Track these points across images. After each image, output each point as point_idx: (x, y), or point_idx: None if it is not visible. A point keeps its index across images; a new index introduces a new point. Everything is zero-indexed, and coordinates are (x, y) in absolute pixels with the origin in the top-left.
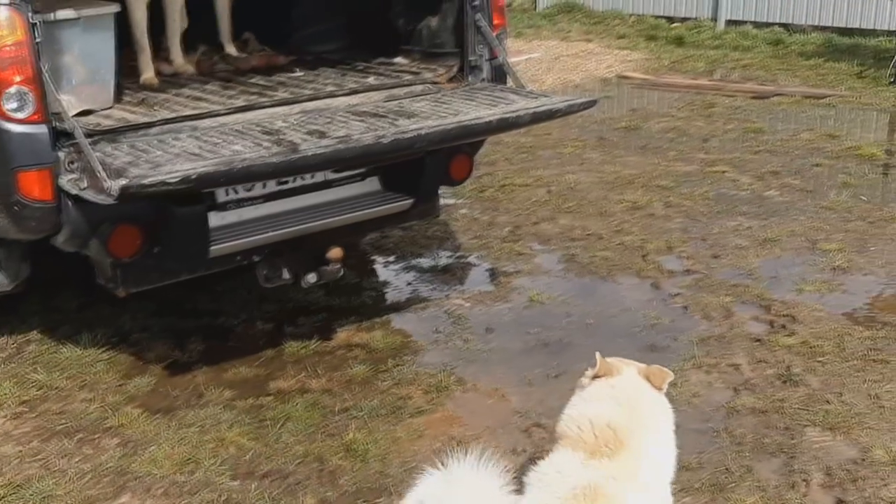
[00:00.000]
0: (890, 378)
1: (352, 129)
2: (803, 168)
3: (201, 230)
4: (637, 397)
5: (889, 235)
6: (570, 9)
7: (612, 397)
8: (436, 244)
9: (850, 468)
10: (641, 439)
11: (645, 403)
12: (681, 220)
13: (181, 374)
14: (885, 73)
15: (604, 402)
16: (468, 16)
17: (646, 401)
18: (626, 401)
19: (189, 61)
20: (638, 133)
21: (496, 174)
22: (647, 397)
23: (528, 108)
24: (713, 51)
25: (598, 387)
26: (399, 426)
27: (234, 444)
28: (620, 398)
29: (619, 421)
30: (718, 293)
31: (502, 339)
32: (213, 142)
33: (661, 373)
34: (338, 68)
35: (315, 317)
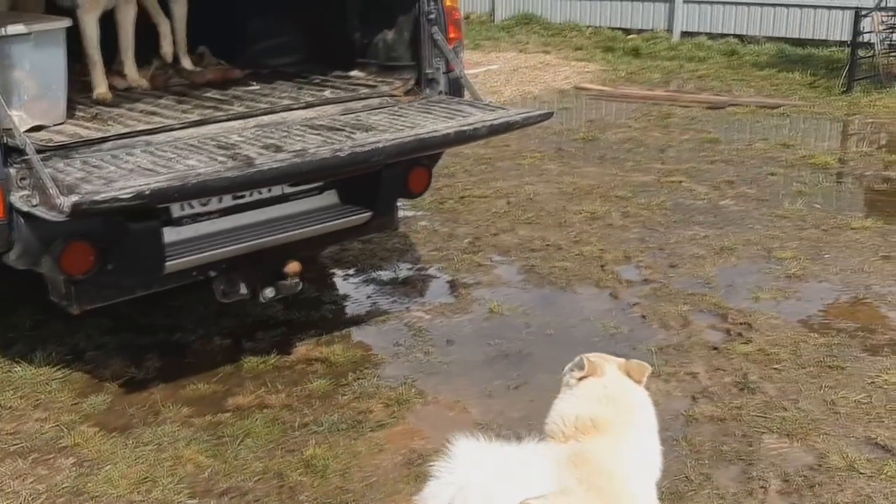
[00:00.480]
0: (845, 384)
1: (308, 142)
2: (758, 177)
3: (156, 246)
4: (622, 394)
5: (843, 243)
6: (528, 21)
7: (599, 396)
8: (395, 256)
9: (807, 474)
10: (625, 429)
11: (629, 399)
12: (638, 230)
13: (137, 392)
14: (836, 83)
15: (590, 400)
16: (424, 29)
17: (630, 396)
18: (612, 398)
19: (143, 75)
20: (595, 144)
21: (455, 186)
22: (630, 393)
23: (485, 120)
24: (669, 62)
25: (586, 386)
26: (359, 440)
27: (191, 462)
28: (606, 396)
29: (603, 415)
30: (676, 302)
31: (463, 350)
32: (168, 157)
33: (640, 367)
34: (294, 82)
35: (274, 331)
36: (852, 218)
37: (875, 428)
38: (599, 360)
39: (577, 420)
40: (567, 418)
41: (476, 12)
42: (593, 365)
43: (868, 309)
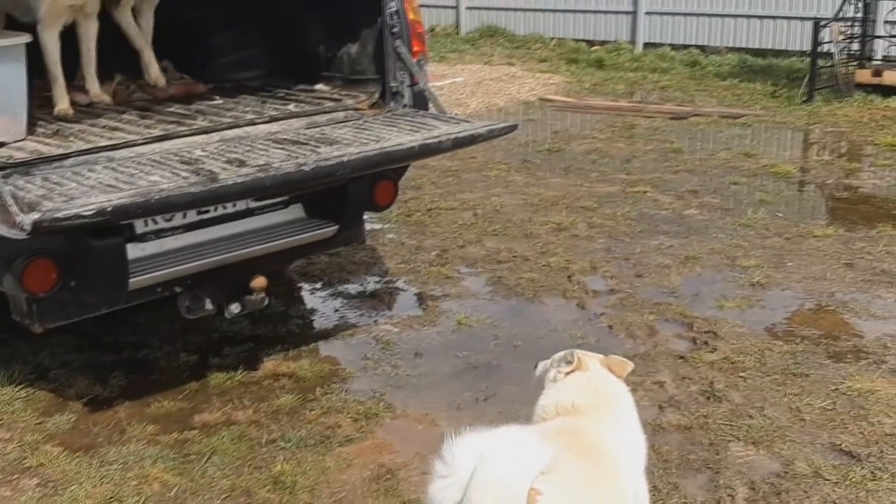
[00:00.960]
0: (809, 391)
1: (272, 157)
2: (721, 186)
3: (119, 262)
4: (604, 386)
5: (805, 251)
6: (493, 33)
7: (582, 386)
8: (363, 270)
9: (774, 481)
10: (607, 413)
11: (611, 390)
12: (604, 241)
13: (102, 410)
14: (797, 93)
15: (574, 390)
16: (388, 42)
17: (612, 388)
18: (595, 388)
19: (105, 91)
20: (561, 155)
21: (422, 198)
22: (612, 385)
23: (450, 133)
24: (632, 73)
25: (571, 379)
26: (328, 456)
27: (157, 481)
28: (589, 386)
29: (585, 402)
30: (642, 312)
31: (431, 363)
32: (130, 172)
33: (621, 363)
34: (258, 95)
35: (240, 347)
36: (814, 226)
37: (840, 434)
38: (584, 356)
39: (557, 405)
40: (549, 407)
41: (441, 25)
42: (581, 360)
43: (831, 316)
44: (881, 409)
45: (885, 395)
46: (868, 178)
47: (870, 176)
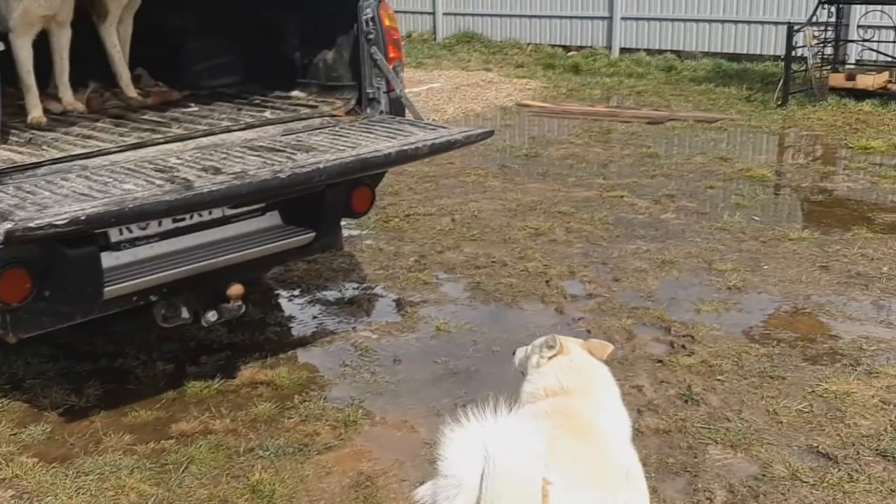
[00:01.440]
0: (786, 394)
1: (248, 164)
2: (698, 191)
3: (94, 272)
4: (587, 367)
5: (781, 254)
6: (470, 39)
7: (565, 368)
8: (341, 276)
9: (752, 484)
10: (592, 392)
11: (593, 371)
12: (582, 245)
13: (78, 421)
14: (772, 97)
15: (558, 373)
16: (364, 49)
17: (594, 369)
18: (578, 369)
19: (79, 99)
20: (538, 160)
21: (400, 204)
22: (594, 366)
23: (427, 139)
24: (608, 78)
25: (554, 363)
26: (306, 464)
27: (134, 491)
28: (572, 367)
29: (571, 383)
30: (620, 316)
31: (410, 369)
32: (104, 181)
33: (601, 346)
34: (234, 103)
35: (218, 355)
36: (790, 229)
37: (816, 436)
38: (566, 340)
39: (546, 389)
40: (538, 392)
41: (418, 30)
42: (563, 344)
43: (807, 319)
44: (857, 411)
45: (861, 397)
46: (842, 181)
47: (844, 179)
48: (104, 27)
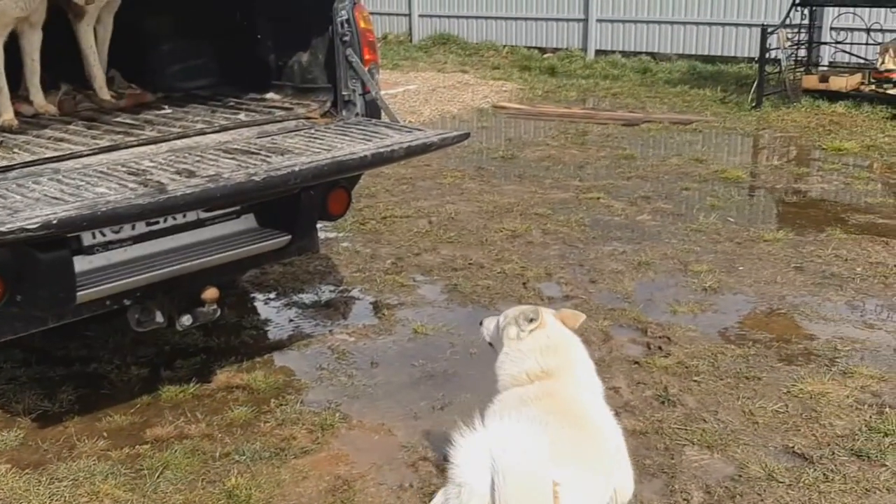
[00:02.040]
0: (762, 394)
1: (222, 167)
2: (673, 192)
3: (66, 276)
4: (563, 343)
5: (756, 255)
6: (446, 41)
7: (543, 347)
8: (317, 279)
9: (729, 485)
10: (572, 370)
11: (571, 346)
12: (558, 247)
13: (52, 426)
14: (746, 99)
15: (538, 354)
16: (339, 51)
17: (570, 344)
18: (555, 347)
19: (51, 101)
20: (514, 162)
21: (377, 206)
22: (570, 341)
23: (403, 142)
24: (584, 80)
25: (533, 338)
26: (283, 468)
27: (109, 497)
28: (549, 346)
29: (553, 364)
30: (597, 318)
31: (387, 372)
32: (76, 184)
33: (574, 316)
34: (208, 105)
35: (193, 359)
36: (765, 230)
37: (792, 437)
38: (544, 312)
39: (529, 373)
40: (520, 375)
41: (394, 32)
42: (543, 317)
43: (782, 319)
44: (832, 412)
45: (836, 397)
46: (816, 182)
47: (818, 180)
48: (81, 26)
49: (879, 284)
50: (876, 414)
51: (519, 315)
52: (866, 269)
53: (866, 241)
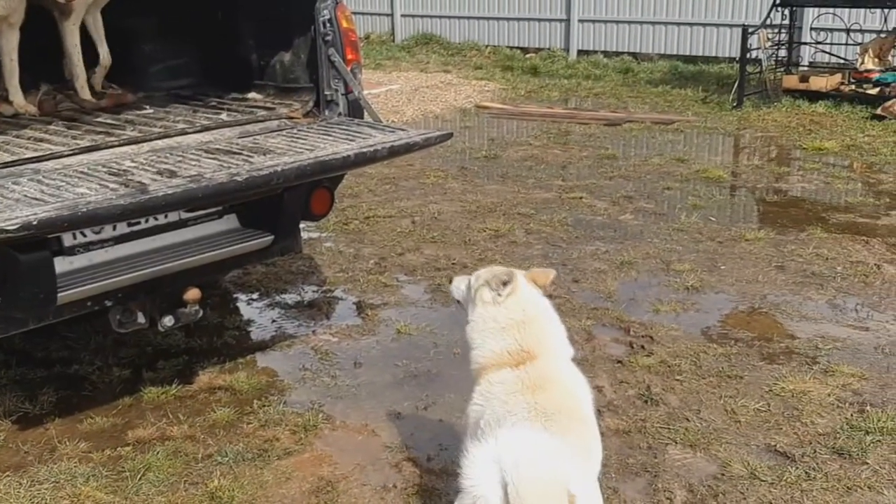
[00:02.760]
0: (744, 393)
1: (204, 167)
2: (655, 192)
3: (47, 277)
4: (538, 313)
5: (738, 254)
6: (428, 41)
7: (519, 322)
8: (300, 279)
9: (711, 484)
10: (549, 344)
11: (546, 317)
12: (541, 247)
13: (32, 428)
14: (727, 99)
15: (516, 331)
16: (321, 51)
17: (544, 315)
18: (532, 319)
19: (31, 101)
20: (497, 162)
21: (360, 206)
22: (545, 310)
23: (386, 142)
24: (566, 80)
25: (510, 311)
26: (266, 470)
27: (90, 500)
28: (526, 319)
29: (531, 342)
30: (580, 317)
31: (371, 373)
32: (57, 185)
33: (544, 274)
34: (189, 105)
35: (175, 360)
36: (746, 230)
37: (774, 435)
38: (516, 276)
39: (510, 353)
40: (502, 354)
41: (376, 32)
42: (517, 281)
43: (764, 318)
44: (814, 410)
45: (818, 396)
46: (797, 181)
47: (798, 179)
48: (67, 25)
49: (860, 283)
50: (857, 412)
51: (492, 278)
52: (847, 268)
53: (847, 240)
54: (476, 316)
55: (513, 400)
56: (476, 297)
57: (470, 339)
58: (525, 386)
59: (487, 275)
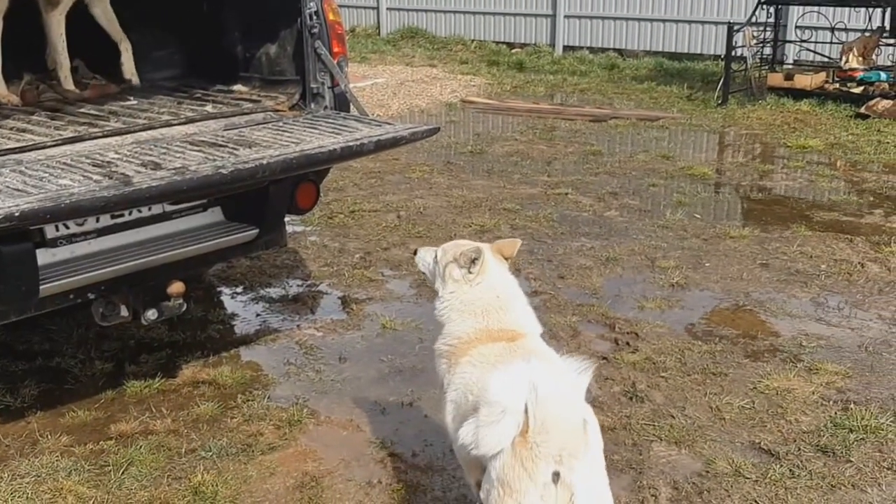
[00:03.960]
0: (729, 390)
1: (189, 159)
2: (640, 188)
3: (29, 269)
4: (509, 293)
5: (722, 251)
6: (414, 34)
7: (497, 306)
8: (285, 273)
9: (696, 481)
10: (522, 316)
11: (515, 292)
12: (527, 243)
13: (14, 421)
14: (712, 96)
15: (495, 311)
16: (307, 43)
17: (514, 289)
18: (506, 299)
19: (13, 91)
20: (483, 157)
21: (345, 200)
22: (510, 283)
23: (372, 136)
24: (552, 75)
25: (484, 290)
26: (250, 465)
27: (72, 494)
28: (500, 304)
29: (508, 321)
30: (565, 313)
31: (356, 368)
32: (39, 176)
33: (511, 244)
34: (174, 96)
35: (158, 353)
36: (731, 227)
37: (759, 433)
38: (485, 253)
39: (500, 331)
40: (481, 332)
41: (362, 25)
42: (485, 258)
43: (748, 316)
44: (798, 408)
45: (802, 394)
46: (781, 179)
47: (783, 177)
48: (53, 15)
49: (844, 281)
50: (841, 410)
51: (460, 255)
52: (831, 266)
53: (831, 238)
54: (448, 295)
55: (501, 359)
56: (445, 274)
57: (445, 315)
58: (525, 353)
59: (455, 250)
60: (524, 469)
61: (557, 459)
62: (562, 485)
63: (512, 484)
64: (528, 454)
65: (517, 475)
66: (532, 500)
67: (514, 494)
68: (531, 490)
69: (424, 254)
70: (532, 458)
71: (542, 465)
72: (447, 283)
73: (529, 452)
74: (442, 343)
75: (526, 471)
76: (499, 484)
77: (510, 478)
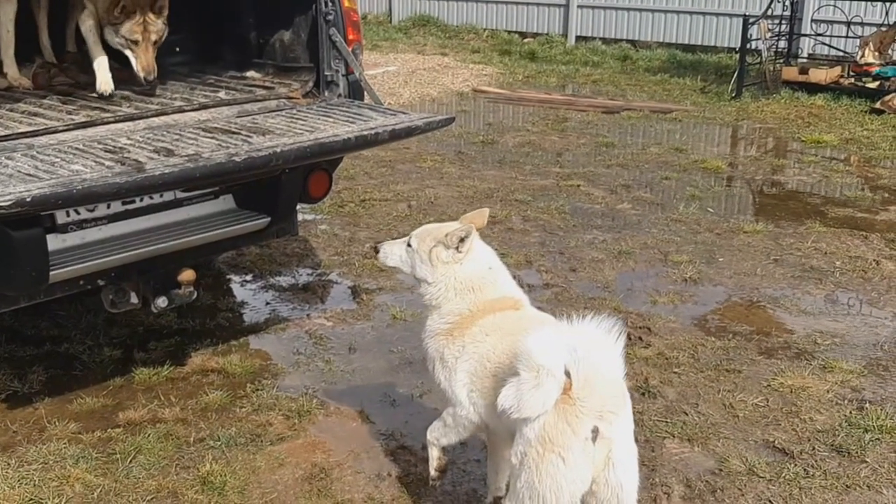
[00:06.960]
0: (742, 387)
1: (202, 146)
2: (653, 181)
3: (39, 255)
4: (495, 260)
5: (735, 246)
6: (425, 22)
7: (492, 281)
8: (295, 262)
9: (709, 479)
10: (512, 284)
11: (497, 259)
12: (539, 235)
13: (21, 407)
14: (726, 89)
15: (490, 282)
16: (322, 30)
17: (496, 256)
18: (496, 268)
19: (25, 74)
20: (494, 147)
21: (356, 189)
22: (493, 253)
23: (387, 125)
24: (564, 66)
25: (476, 264)
26: (258, 455)
27: (80, 482)
28: (493, 271)
29: (504, 290)
30: (577, 307)
31: (365, 358)
32: (51, 161)
33: (480, 215)
34: (187, 82)
35: (167, 341)
36: (744, 222)
37: (773, 431)
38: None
39: (500, 300)
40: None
41: (373, 13)
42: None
43: (762, 312)
44: (812, 406)
45: (816, 392)
46: (795, 174)
47: (796, 172)
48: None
49: (859, 279)
50: (856, 409)
51: (446, 236)
52: (846, 263)
53: (845, 234)
54: (441, 277)
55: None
56: (432, 259)
57: (441, 297)
58: (537, 320)
59: (435, 233)
60: (568, 425)
61: (599, 415)
62: (601, 439)
63: (556, 440)
64: (572, 410)
65: (561, 431)
66: (575, 454)
67: (557, 449)
68: (575, 444)
69: (391, 248)
70: (576, 414)
71: (586, 420)
72: (437, 267)
73: (574, 409)
74: (440, 322)
75: (570, 426)
76: (538, 442)
77: (553, 434)
